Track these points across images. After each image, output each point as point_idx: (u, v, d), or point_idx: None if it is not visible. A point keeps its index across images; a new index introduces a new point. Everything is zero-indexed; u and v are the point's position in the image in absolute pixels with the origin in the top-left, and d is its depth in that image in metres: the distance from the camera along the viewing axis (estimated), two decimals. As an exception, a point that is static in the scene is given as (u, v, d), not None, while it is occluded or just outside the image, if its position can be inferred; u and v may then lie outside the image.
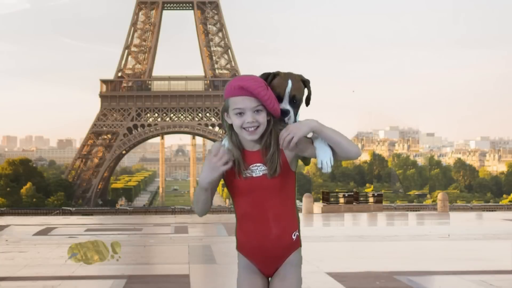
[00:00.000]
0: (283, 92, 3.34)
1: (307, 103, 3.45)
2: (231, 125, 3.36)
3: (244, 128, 3.29)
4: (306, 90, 3.44)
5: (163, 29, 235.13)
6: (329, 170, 3.31)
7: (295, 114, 3.39)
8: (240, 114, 3.27)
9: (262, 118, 3.28)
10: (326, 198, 29.22)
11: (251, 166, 3.36)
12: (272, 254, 3.43)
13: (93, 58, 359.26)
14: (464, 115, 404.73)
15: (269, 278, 3.54)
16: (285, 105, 3.35)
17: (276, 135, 3.33)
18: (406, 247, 13.55)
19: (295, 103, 3.36)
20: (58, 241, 14.47)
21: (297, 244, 3.47)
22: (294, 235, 3.43)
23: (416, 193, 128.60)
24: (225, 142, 3.40)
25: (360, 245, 13.80)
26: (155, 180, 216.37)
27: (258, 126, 3.28)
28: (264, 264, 3.47)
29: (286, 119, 3.34)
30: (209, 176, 3.29)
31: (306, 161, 3.51)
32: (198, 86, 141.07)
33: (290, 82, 3.35)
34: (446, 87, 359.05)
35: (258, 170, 3.35)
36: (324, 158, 3.30)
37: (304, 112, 3.52)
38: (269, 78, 3.40)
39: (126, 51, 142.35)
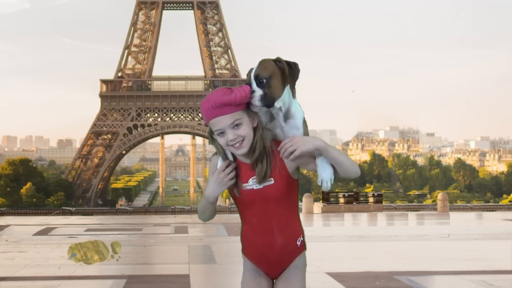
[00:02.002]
0: (249, 77, 3.27)
1: (291, 83, 3.29)
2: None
3: (229, 145, 3.27)
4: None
5: (163, 29, 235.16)
6: (329, 188, 3.31)
7: (268, 92, 3.23)
8: (222, 133, 3.24)
9: (243, 131, 3.23)
10: (326, 198, 29.21)
11: (250, 179, 3.34)
12: (277, 261, 3.45)
13: (93, 58, 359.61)
14: (464, 115, 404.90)
15: (274, 280, 3.55)
16: (252, 86, 3.24)
17: (263, 141, 3.29)
18: (406, 247, 13.54)
19: (262, 82, 3.22)
20: (58, 241, 14.46)
21: (302, 248, 3.48)
22: (299, 241, 3.45)
23: (416, 193, 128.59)
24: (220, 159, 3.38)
25: (360, 245, 13.80)
26: (155, 180, 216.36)
27: (242, 140, 3.25)
28: (269, 268, 3.50)
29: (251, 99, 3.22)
30: (217, 190, 3.34)
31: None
32: (198, 86, 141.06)
33: (257, 65, 3.27)
34: (446, 87, 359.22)
35: (258, 182, 3.34)
36: (325, 177, 3.29)
37: (305, 106, 3.44)
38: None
39: (126, 51, 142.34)
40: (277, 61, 3.28)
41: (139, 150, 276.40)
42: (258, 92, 3.22)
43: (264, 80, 3.23)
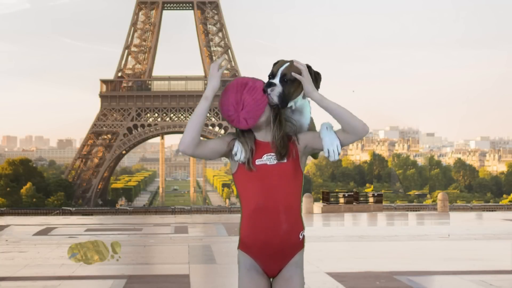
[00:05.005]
0: (276, 70, 3.42)
1: (317, 86, 3.46)
2: None
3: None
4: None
5: (163, 29, 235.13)
6: (337, 157, 3.40)
7: (287, 92, 3.39)
8: None
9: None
10: (326, 198, 29.20)
11: (265, 155, 3.42)
12: (278, 252, 3.42)
13: (93, 58, 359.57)
14: (464, 115, 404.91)
15: (271, 279, 3.53)
16: (275, 80, 3.40)
17: (285, 125, 3.45)
18: (406, 247, 13.54)
19: (286, 82, 3.38)
20: (58, 241, 14.46)
21: (302, 244, 3.49)
22: (301, 235, 3.46)
23: (416, 193, 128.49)
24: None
25: (360, 245, 13.80)
26: (155, 180, 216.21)
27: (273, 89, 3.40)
28: (269, 263, 3.46)
29: (269, 89, 3.38)
30: (210, 85, 3.55)
31: (315, 155, 3.63)
32: (198, 86, 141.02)
33: (287, 63, 3.42)
34: (446, 87, 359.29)
35: (272, 158, 3.43)
36: (330, 147, 3.39)
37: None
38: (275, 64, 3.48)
39: (126, 51, 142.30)
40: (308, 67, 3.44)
41: (139, 150, 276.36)
42: (278, 88, 3.39)
43: (289, 82, 3.39)
